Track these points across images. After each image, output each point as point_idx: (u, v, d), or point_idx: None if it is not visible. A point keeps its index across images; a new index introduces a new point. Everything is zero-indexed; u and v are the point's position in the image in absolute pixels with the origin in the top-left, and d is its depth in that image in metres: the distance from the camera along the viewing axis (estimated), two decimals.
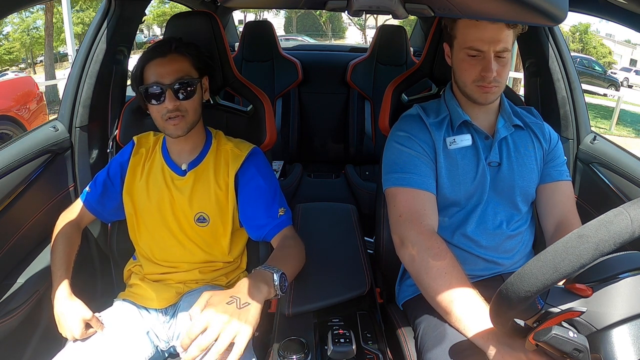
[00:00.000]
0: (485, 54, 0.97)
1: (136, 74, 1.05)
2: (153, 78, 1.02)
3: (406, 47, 2.62)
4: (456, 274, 0.89)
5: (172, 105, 1.02)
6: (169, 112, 1.02)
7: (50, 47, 11.24)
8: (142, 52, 1.07)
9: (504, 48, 0.97)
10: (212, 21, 1.24)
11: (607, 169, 1.33)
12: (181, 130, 1.05)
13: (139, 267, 1.18)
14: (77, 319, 0.96)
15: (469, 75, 1.01)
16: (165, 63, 1.03)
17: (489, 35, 0.95)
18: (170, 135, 1.07)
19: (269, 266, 0.87)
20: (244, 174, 1.12)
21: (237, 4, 1.53)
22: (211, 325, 0.70)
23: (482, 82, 0.99)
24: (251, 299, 0.76)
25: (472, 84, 1.01)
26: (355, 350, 0.85)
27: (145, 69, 1.04)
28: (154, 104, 1.03)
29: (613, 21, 1.05)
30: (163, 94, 1.02)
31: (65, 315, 0.97)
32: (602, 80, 14.96)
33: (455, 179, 1.04)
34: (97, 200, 1.16)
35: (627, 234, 0.51)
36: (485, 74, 0.97)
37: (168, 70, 1.02)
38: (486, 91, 1.00)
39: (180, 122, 1.04)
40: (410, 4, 0.76)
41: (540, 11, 0.60)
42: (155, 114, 1.05)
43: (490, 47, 0.96)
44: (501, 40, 0.96)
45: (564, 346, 0.59)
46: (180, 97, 1.03)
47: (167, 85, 1.01)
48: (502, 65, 0.98)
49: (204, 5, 2.21)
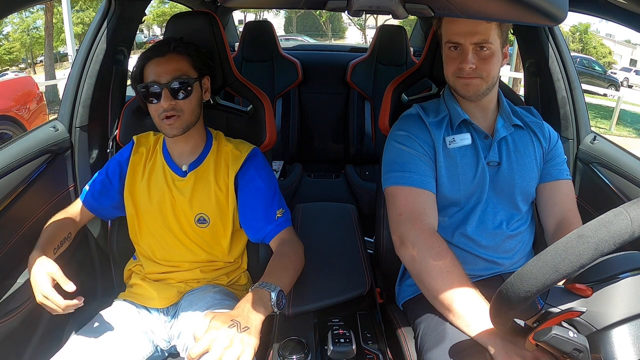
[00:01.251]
0: (463, 47, 0.99)
1: (136, 73, 1.06)
2: (151, 77, 1.03)
3: (406, 47, 2.62)
4: (457, 273, 0.89)
5: (167, 104, 1.02)
6: (164, 112, 1.02)
7: (50, 47, 11.23)
8: (142, 52, 1.08)
9: (483, 40, 0.97)
10: (212, 21, 1.24)
11: (607, 169, 1.33)
12: (176, 130, 1.05)
13: (140, 266, 1.18)
14: (42, 274, 0.91)
15: (449, 68, 1.04)
16: (164, 62, 1.03)
17: (465, 28, 0.98)
18: (166, 134, 1.07)
19: (267, 284, 0.89)
20: (244, 176, 1.12)
21: (237, 4, 1.53)
22: (214, 348, 0.72)
23: (460, 73, 1.01)
24: (251, 323, 0.79)
25: (452, 77, 1.03)
26: (355, 350, 0.86)
27: (144, 68, 1.05)
28: (151, 103, 1.04)
29: (613, 21, 1.04)
30: (160, 93, 1.02)
31: (33, 274, 0.93)
32: (602, 80, 14.95)
33: (455, 179, 1.04)
34: (95, 198, 1.17)
35: (627, 234, 0.52)
36: (461, 65, 1.00)
37: (166, 70, 1.03)
38: (466, 82, 1.01)
39: (176, 121, 1.04)
40: (410, 4, 0.76)
41: (540, 11, 0.60)
42: (152, 112, 1.05)
43: (466, 40, 0.98)
44: (478, 33, 0.97)
45: (564, 346, 0.59)
46: (176, 97, 1.03)
47: (164, 85, 1.02)
48: (483, 59, 0.99)
49: (204, 5, 2.20)
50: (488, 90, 1.04)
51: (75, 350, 0.94)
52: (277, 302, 0.86)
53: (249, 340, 0.76)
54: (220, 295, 1.09)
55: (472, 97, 1.04)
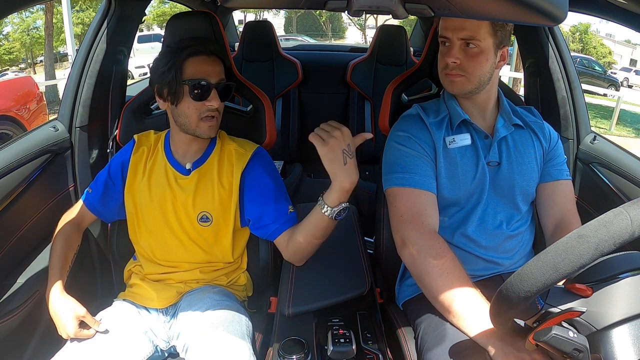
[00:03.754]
0: (450, 41, 1.00)
1: (175, 67, 1.02)
2: (200, 74, 1.02)
3: (406, 47, 2.62)
4: (457, 273, 0.89)
5: (217, 103, 1.04)
6: (209, 111, 1.03)
7: (50, 47, 11.24)
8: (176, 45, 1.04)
9: (470, 36, 0.97)
10: (212, 21, 1.25)
11: (607, 169, 1.33)
12: (213, 132, 1.07)
13: (140, 267, 1.18)
14: (70, 316, 0.96)
15: (440, 64, 1.05)
16: (211, 62, 1.05)
17: (453, 23, 0.99)
18: (201, 135, 1.07)
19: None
20: (250, 173, 1.12)
21: (237, 4, 1.53)
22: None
23: (446, 69, 1.02)
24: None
25: (442, 72, 1.04)
26: (355, 350, 0.86)
27: (187, 62, 1.03)
28: (196, 100, 1.03)
29: (613, 21, 1.04)
30: (209, 91, 1.03)
31: (59, 314, 0.97)
32: (602, 80, 14.95)
33: (455, 179, 1.04)
34: (99, 200, 1.16)
35: (627, 234, 0.51)
36: (447, 59, 1.00)
37: (214, 70, 1.04)
38: (451, 79, 1.02)
39: (215, 123, 1.06)
40: (410, 4, 0.76)
41: (540, 11, 0.60)
42: (191, 110, 1.04)
43: (454, 35, 0.99)
44: (465, 28, 0.97)
45: (564, 346, 0.59)
46: (221, 99, 1.05)
47: (214, 84, 1.03)
48: (469, 55, 0.99)
49: (204, 5, 2.20)
50: (477, 90, 1.03)
51: (75, 350, 0.94)
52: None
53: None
54: (219, 295, 1.09)
55: (459, 95, 1.05)
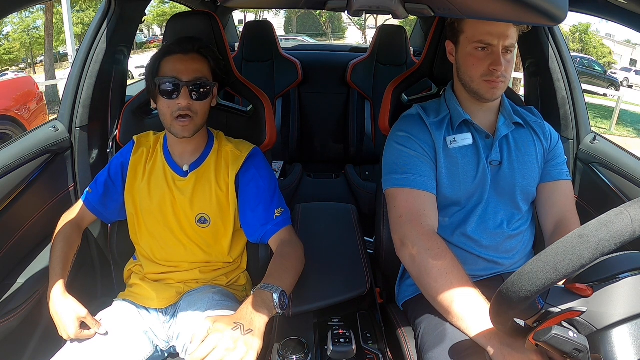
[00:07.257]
0: (494, 48, 0.98)
1: (153, 66, 1.04)
2: (171, 72, 1.02)
3: (406, 47, 2.62)
4: (457, 273, 0.89)
5: (185, 102, 1.01)
6: (180, 110, 1.02)
7: (50, 47, 11.24)
8: (162, 46, 1.06)
9: (512, 44, 0.99)
10: (212, 21, 1.24)
11: (607, 169, 1.33)
12: (188, 132, 1.05)
13: (139, 267, 1.18)
14: (71, 317, 0.96)
15: (477, 69, 1.01)
16: (186, 60, 1.03)
17: (499, 29, 0.97)
18: (175, 134, 1.06)
19: (269, 285, 0.89)
20: (244, 175, 1.12)
21: (237, 4, 1.53)
22: (217, 350, 0.73)
23: (490, 76, 1.00)
24: (254, 325, 0.79)
25: (479, 79, 1.01)
26: (355, 350, 0.86)
27: (163, 61, 1.03)
28: (166, 99, 1.03)
29: (613, 21, 1.04)
30: (178, 90, 1.02)
31: (60, 314, 0.97)
32: (602, 80, 14.95)
33: (456, 179, 1.04)
34: (99, 200, 1.16)
35: (627, 234, 0.51)
36: (494, 67, 0.98)
37: (188, 68, 1.03)
38: (494, 86, 1.01)
39: (189, 123, 1.04)
40: (410, 4, 0.76)
41: (540, 11, 0.60)
42: (165, 109, 1.04)
43: (499, 42, 0.98)
44: (509, 36, 0.98)
45: (564, 346, 0.59)
46: (194, 97, 1.03)
47: (185, 83, 1.02)
48: (508, 62, 1.00)
49: (204, 5, 2.21)
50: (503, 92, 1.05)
51: (75, 351, 0.94)
52: (280, 303, 0.86)
53: (253, 342, 0.76)
54: (219, 295, 1.09)
55: (492, 99, 1.04)
